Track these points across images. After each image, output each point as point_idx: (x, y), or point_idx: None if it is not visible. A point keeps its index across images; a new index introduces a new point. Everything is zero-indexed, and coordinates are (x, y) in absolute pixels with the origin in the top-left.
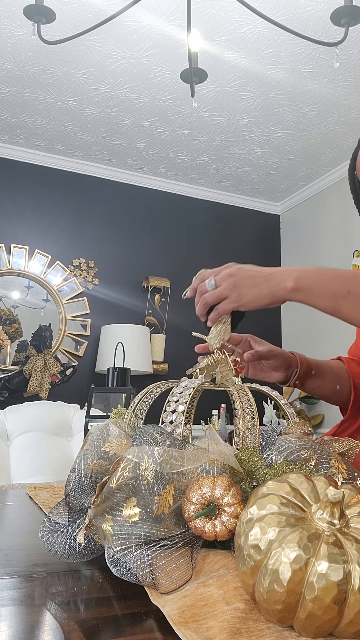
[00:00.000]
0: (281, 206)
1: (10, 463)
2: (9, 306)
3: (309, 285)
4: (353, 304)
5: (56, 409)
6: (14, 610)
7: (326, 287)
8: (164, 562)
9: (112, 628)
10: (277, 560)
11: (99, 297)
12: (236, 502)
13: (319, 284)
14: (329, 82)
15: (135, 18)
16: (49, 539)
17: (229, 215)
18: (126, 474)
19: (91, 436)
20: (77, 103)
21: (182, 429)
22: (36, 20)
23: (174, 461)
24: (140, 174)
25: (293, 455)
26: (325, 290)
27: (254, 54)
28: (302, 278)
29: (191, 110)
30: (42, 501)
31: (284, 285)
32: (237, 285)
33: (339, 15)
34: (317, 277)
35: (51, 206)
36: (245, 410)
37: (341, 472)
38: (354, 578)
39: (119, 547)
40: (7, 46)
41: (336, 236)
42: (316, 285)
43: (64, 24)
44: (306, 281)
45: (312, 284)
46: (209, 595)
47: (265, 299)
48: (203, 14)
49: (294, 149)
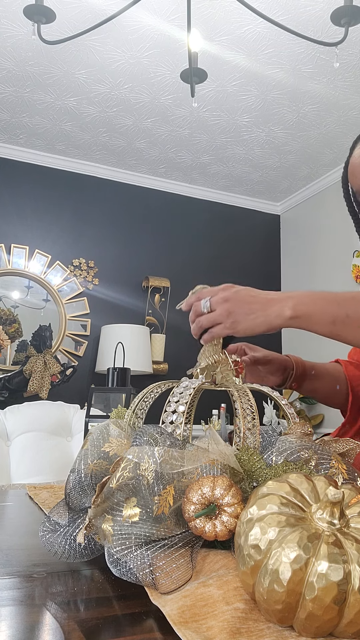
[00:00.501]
0: (281, 206)
1: (10, 463)
2: (9, 306)
3: (306, 312)
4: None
5: (56, 409)
6: (14, 610)
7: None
8: (164, 562)
9: (112, 628)
10: (277, 560)
11: (99, 297)
12: (236, 502)
13: (317, 310)
14: (329, 82)
15: (135, 18)
16: (49, 539)
17: (229, 215)
18: (126, 474)
19: (91, 436)
20: (77, 103)
21: (183, 429)
22: (36, 20)
23: (174, 461)
24: (140, 174)
25: (293, 455)
26: (324, 315)
27: (254, 54)
28: (299, 305)
29: (191, 110)
30: (42, 501)
31: (280, 314)
32: (232, 312)
33: (339, 15)
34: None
35: (51, 206)
36: (246, 411)
37: (341, 472)
38: (354, 578)
39: (119, 547)
40: (7, 46)
41: (336, 236)
42: (314, 311)
43: (64, 24)
44: (304, 308)
45: (309, 310)
46: (209, 595)
47: (260, 327)
48: (203, 14)
49: (294, 149)
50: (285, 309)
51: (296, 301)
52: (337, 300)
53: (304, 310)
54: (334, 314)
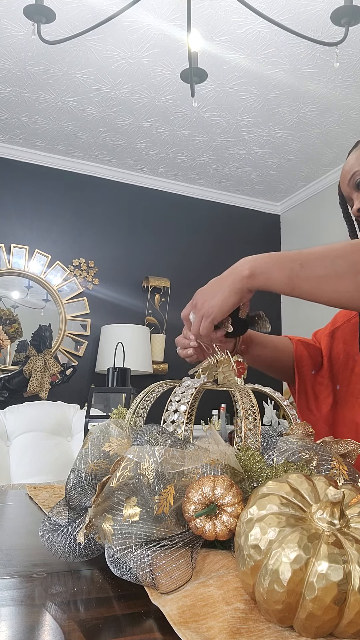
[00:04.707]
0: (281, 206)
1: (10, 463)
2: (9, 306)
3: (263, 269)
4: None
5: (56, 409)
6: (14, 610)
7: (279, 266)
8: (164, 562)
9: (112, 628)
10: (277, 561)
11: (99, 297)
12: (236, 502)
13: (272, 265)
14: (329, 82)
15: (135, 18)
16: (49, 538)
17: (229, 215)
18: (127, 474)
19: (91, 436)
20: (77, 103)
21: (184, 428)
22: (36, 20)
23: (175, 461)
24: (140, 174)
25: (294, 456)
26: (280, 270)
27: (254, 54)
28: (256, 263)
29: (191, 110)
30: (42, 501)
31: (240, 276)
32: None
33: (339, 15)
34: (269, 259)
35: (51, 206)
36: (248, 411)
37: (342, 473)
38: (354, 578)
39: (119, 547)
40: (7, 46)
41: (336, 236)
42: (269, 267)
43: (64, 24)
44: (260, 266)
45: (265, 266)
46: (209, 595)
47: (230, 298)
48: (203, 14)
49: (294, 149)
50: (243, 270)
51: (252, 262)
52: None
53: (261, 268)
54: (288, 267)
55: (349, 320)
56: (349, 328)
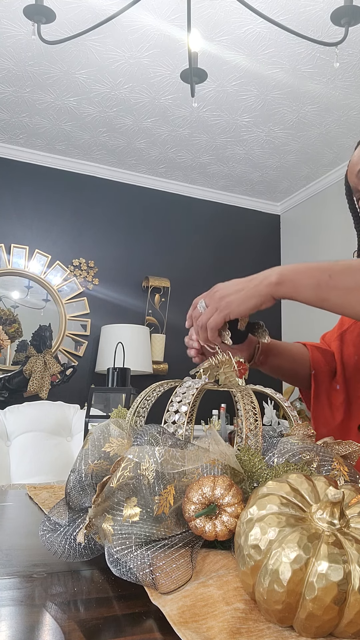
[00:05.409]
0: (281, 206)
1: (10, 463)
2: (9, 306)
3: (291, 277)
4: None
5: (56, 409)
6: (14, 610)
7: (308, 275)
8: (164, 562)
9: (112, 628)
10: (277, 561)
11: (99, 297)
12: (236, 502)
13: (301, 275)
14: (329, 82)
15: (135, 18)
16: (49, 538)
17: (229, 215)
18: (127, 474)
19: (92, 436)
20: (77, 103)
21: (185, 429)
22: (36, 20)
23: (175, 461)
24: (140, 174)
25: (295, 457)
26: (308, 279)
27: (254, 54)
28: (284, 271)
29: (191, 110)
30: (42, 501)
31: (268, 282)
32: (224, 295)
33: (339, 15)
34: (298, 269)
35: (51, 206)
36: (249, 412)
37: (343, 474)
38: (354, 578)
39: (119, 547)
40: (7, 46)
41: (336, 236)
42: (298, 276)
43: (64, 24)
44: (289, 274)
45: (294, 275)
46: (209, 595)
47: (252, 299)
48: (203, 14)
49: (294, 149)
50: (271, 277)
51: (281, 269)
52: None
53: (289, 277)
54: (317, 277)
55: (357, 323)
56: (357, 331)
